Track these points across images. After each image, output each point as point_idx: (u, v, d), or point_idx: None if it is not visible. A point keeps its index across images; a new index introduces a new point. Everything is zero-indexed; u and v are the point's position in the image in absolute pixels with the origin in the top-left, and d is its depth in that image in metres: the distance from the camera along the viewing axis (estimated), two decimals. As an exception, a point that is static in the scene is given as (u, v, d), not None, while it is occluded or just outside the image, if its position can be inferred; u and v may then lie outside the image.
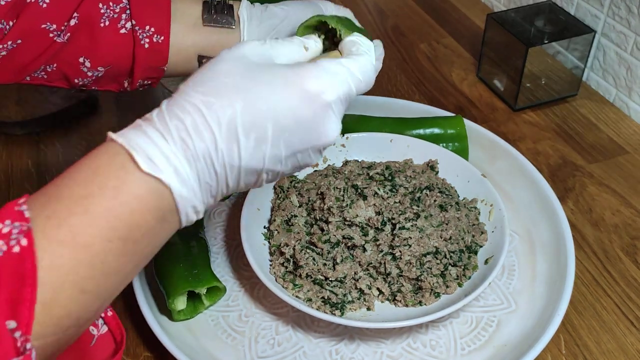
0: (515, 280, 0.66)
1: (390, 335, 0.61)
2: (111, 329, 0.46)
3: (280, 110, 0.41)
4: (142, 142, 0.38)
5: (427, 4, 1.14)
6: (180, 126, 0.39)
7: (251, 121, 0.40)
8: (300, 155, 0.44)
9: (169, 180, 0.38)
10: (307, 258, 0.61)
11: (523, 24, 0.88)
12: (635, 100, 0.86)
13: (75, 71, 0.63)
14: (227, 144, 0.40)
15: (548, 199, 0.70)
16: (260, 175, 0.43)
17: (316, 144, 0.44)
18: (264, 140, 0.41)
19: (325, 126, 0.44)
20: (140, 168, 0.37)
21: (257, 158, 0.41)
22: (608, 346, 0.61)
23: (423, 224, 0.62)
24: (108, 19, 0.61)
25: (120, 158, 0.38)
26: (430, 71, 0.98)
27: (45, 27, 0.59)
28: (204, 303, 0.63)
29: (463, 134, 0.77)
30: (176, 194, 0.38)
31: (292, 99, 0.42)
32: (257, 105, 0.40)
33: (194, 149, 0.39)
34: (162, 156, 0.38)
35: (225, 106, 0.40)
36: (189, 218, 0.41)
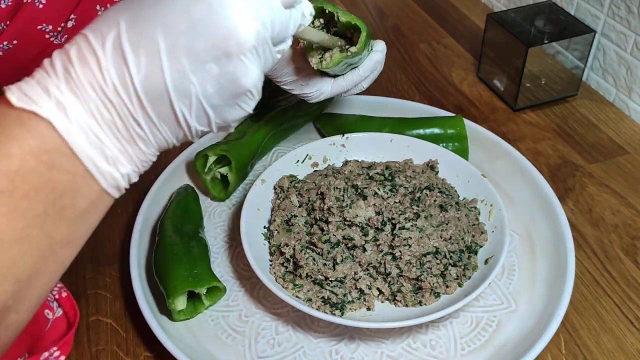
0: (515, 280, 0.66)
1: (390, 335, 0.61)
2: (65, 310, 0.42)
3: (169, 10, 0.34)
4: (24, 83, 0.33)
5: (427, 4, 1.14)
6: (64, 58, 0.34)
7: (138, 33, 0.34)
8: (213, 67, 0.35)
9: (46, 113, 0.32)
10: (307, 258, 0.61)
11: (523, 24, 0.88)
12: (635, 100, 0.86)
13: None
14: (113, 64, 0.33)
15: (548, 199, 0.70)
16: (173, 104, 0.35)
17: (225, 43, 0.34)
18: (156, 52, 0.34)
19: (227, 18, 0.34)
20: (11, 104, 0.32)
21: (154, 75, 0.34)
22: (608, 346, 0.61)
23: (423, 224, 0.62)
24: None
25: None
26: (430, 71, 0.98)
27: (41, 28, 0.59)
28: (204, 303, 0.63)
29: (463, 134, 0.77)
30: (60, 127, 0.32)
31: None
32: (142, 13, 0.34)
33: (77, 77, 0.33)
34: (42, 90, 0.33)
35: (111, 25, 0.34)
36: (100, 168, 0.34)
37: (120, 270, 0.69)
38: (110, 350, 0.62)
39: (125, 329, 0.64)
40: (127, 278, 0.64)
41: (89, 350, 0.61)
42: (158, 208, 0.73)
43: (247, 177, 0.77)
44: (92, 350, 0.61)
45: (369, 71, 0.65)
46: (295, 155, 0.74)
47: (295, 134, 0.84)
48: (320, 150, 0.75)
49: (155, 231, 0.68)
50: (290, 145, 0.82)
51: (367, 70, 0.65)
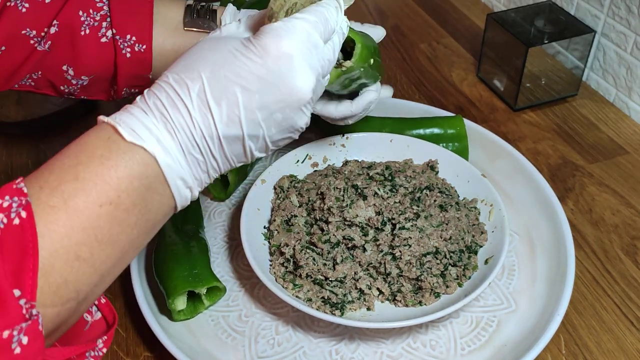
0: (515, 280, 0.66)
1: (390, 335, 0.61)
2: (104, 315, 0.46)
3: (244, 73, 0.43)
4: (126, 118, 0.41)
5: (427, 4, 1.14)
6: (157, 103, 0.42)
7: (219, 89, 0.42)
8: (278, 115, 0.45)
9: (151, 148, 0.40)
10: (307, 258, 0.61)
11: (523, 24, 0.88)
12: (635, 100, 0.86)
13: (60, 79, 0.62)
14: (200, 114, 0.42)
15: (548, 199, 0.70)
16: (245, 143, 0.44)
17: (290, 99, 0.44)
18: (235, 105, 0.42)
19: (292, 79, 0.44)
20: (124, 138, 0.40)
21: (233, 123, 0.43)
22: (608, 346, 0.61)
23: (423, 224, 0.62)
24: (88, 27, 0.59)
25: (106, 132, 0.41)
26: (430, 71, 0.98)
27: (25, 33, 0.58)
28: (204, 303, 0.63)
29: (463, 134, 0.77)
30: (161, 161, 0.41)
31: (252, 59, 0.43)
32: (222, 72, 0.42)
33: (172, 121, 0.41)
34: (144, 128, 0.41)
35: (194, 78, 0.42)
36: (180, 192, 0.43)
37: (120, 270, 0.69)
38: (110, 350, 0.62)
39: (125, 329, 0.64)
40: (127, 278, 0.64)
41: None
42: (158, 208, 0.73)
43: (247, 177, 0.77)
44: (92, 350, 0.62)
45: (361, 109, 0.64)
46: (295, 155, 0.74)
47: (295, 134, 0.83)
48: (320, 150, 0.75)
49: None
50: (290, 146, 0.82)
51: (359, 107, 0.64)
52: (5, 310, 0.33)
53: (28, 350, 0.34)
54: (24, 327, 0.33)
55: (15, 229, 0.35)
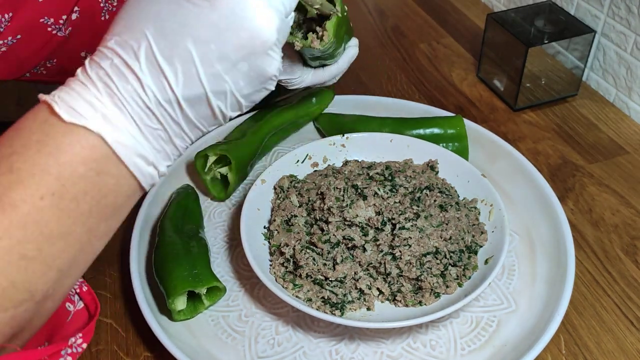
0: (515, 280, 0.66)
1: (390, 335, 0.61)
2: (86, 303, 0.44)
3: (193, 22, 0.37)
4: (65, 94, 0.36)
5: (427, 4, 1.14)
6: (100, 72, 0.37)
7: (168, 46, 0.37)
8: (243, 65, 0.39)
9: (96, 127, 0.36)
10: (307, 258, 0.61)
11: (523, 24, 0.88)
12: (635, 100, 0.86)
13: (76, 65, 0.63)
14: (152, 78, 0.37)
15: (548, 199, 0.70)
16: (210, 102, 0.39)
17: (252, 43, 0.38)
18: (190, 60, 0.37)
19: (250, 20, 0.38)
20: (62, 119, 0.35)
21: (192, 82, 0.38)
22: (608, 346, 0.61)
23: (423, 224, 0.62)
24: (107, 12, 0.60)
25: (43, 114, 0.37)
26: (430, 71, 0.98)
27: (43, 22, 0.59)
28: (204, 303, 0.63)
29: (463, 134, 0.77)
30: (109, 139, 0.36)
31: (198, 4, 0.37)
32: (167, 25, 0.37)
33: (119, 92, 0.36)
34: (86, 104, 0.36)
35: (138, 38, 0.37)
36: (142, 171, 0.38)
37: (120, 270, 0.69)
38: (110, 350, 0.62)
39: (125, 329, 0.64)
40: (127, 278, 0.64)
41: (89, 350, 0.61)
42: (158, 208, 0.73)
43: (247, 177, 0.77)
44: (92, 350, 0.62)
45: (347, 64, 0.68)
46: (295, 155, 0.74)
47: (295, 134, 0.84)
48: (320, 150, 0.75)
49: (155, 231, 0.68)
50: (290, 145, 0.82)
51: (345, 63, 0.67)
52: None
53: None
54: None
55: None
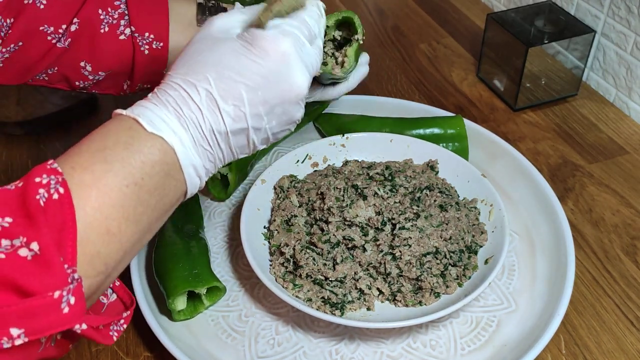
0: (515, 280, 0.66)
1: (390, 335, 0.61)
2: (120, 296, 0.49)
3: (248, 73, 0.47)
4: (143, 111, 0.45)
5: (427, 4, 1.14)
6: (170, 99, 0.46)
7: (225, 89, 0.46)
8: (279, 109, 0.49)
9: (169, 138, 0.44)
10: (307, 258, 0.61)
11: (523, 24, 0.88)
12: (635, 100, 0.86)
13: (76, 74, 0.64)
14: (209, 112, 0.46)
15: (548, 199, 0.70)
16: (249, 135, 0.49)
17: (289, 94, 0.49)
18: (241, 102, 0.47)
19: (291, 75, 0.49)
20: (145, 129, 0.44)
21: (240, 119, 0.47)
22: (608, 346, 0.61)
23: (423, 224, 0.62)
24: (107, 24, 0.62)
25: (127, 122, 0.44)
26: (430, 71, 0.98)
27: (43, 29, 0.59)
28: (204, 303, 0.63)
29: (463, 134, 0.77)
30: (177, 150, 0.45)
31: (254, 60, 0.47)
32: (226, 73, 0.47)
33: (184, 116, 0.45)
34: (161, 121, 0.45)
35: (200, 79, 0.46)
36: (192, 179, 0.47)
37: (120, 270, 0.69)
38: (110, 350, 0.62)
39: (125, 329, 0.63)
40: (127, 278, 0.64)
41: (89, 350, 0.61)
42: (158, 208, 0.73)
43: (247, 177, 0.77)
44: (92, 350, 0.62)
45: (357, 83, 0.70)
46: (295, 155, 0.74)
47: (295, 134, 0.84)
48: (320, 150, 0.75)
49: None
50: (290, 145, 0.82)
51: (355, 82, 0.70)
52: (54, 272, 0.36)
53: (74, 310, 0.36)
54: (72, 289, 0.36)
55: (55, 203, 0.38)
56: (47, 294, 0.35)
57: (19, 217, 0.37)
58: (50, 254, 0.36)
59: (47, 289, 0.35)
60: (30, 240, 0.36)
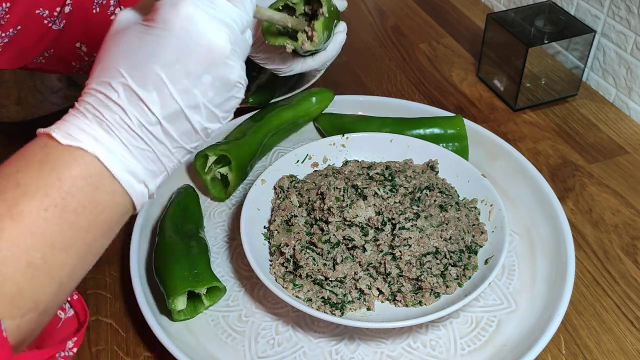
0: (515, 280, 0.66)
1: (390, 335, 0.61)
2: (76, 311, 0.46)
3: (157, 50, 0.41)
4: (60, 124, 0.41)
5: (427, 4, 1.14)
6: (88, 106, 0.41)
7: (140, 75, 0.41)
8: (207, 77, 0.43)
9: (89, 147, 0.39)
10: (307, 258, 0.61)
11: (523, 24, 0.88)
12: (635, 100, 0.86)
13: (72, 55, 0.64)
14: (132, 105, 0.41)
15: (548, 199, 0.70)
16: (187, 116, 0.43)
17: (210, 56, 0.42)
18: (162, 83, 0.41)
19: (203, 36, 0.42)
20: (59, 142, 0.39)
21: (168, 101, 0.42)
22: (608, 346, 0.61)
23: (423, 224, 0.62)
24: (98, 5, 0.62)
25: (42, 140, 0.40)
26: (430, 71, 0.98)
27: (39, 13, 0.60)
28: (204, 303, 0.63)
29: (463, 134, 0.77)
30: (102, 157, 0.40)
31: (158, 34, 0.42)
32: (137, 58, 0.41)
33: (106, 119, 0.40)
34: (79, 130, 0.40)
35: (114, 75, 0.41)
36: (134, 187, 0.41)
37: (120, 270, 0.69)
38: (110, 350, 0.62)
39: (125, 329, 0.64)
40: (127, 278, 0.64)
41: (89, 350, 0.61)
42: (158, 208, 0.73)
43: (247, 177, 0.77)
44: (92, 350, 0.62)
45: (336, 52, 0.68)
46: (295, 155, 0.74)
47: (295, 134, 0.84)
48: (320, 150, 0.75)
49: (155, 231, 0.68)
50: (290, 145, 0.82)
51: (334, 51, 0.68)
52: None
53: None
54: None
55: None
56: None
57: None
58: None
59: None
60: None
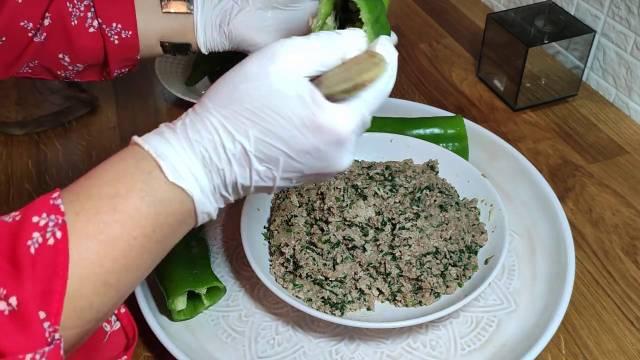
0: (515, 280, 0.66)
1: (390, 335, 0.61)
2: (123, 325, 0.46)
3: (293, 143, 0.41)
4: (167, 151, 0.40)
5: (427, 4, 1.14)
6: (200, 141, 0.41)
7: (263, 152, 0.41)
8: (312, 177, 0.45)
9: (191, 189, 0.40)
10: (307, 258, 0.61)
11: (523, 24, 0.88)
12: (635, 100, 0.86)
13: (57, 66, 0.65)
14: (239, 168, 0.42)
15: (548, 199, 0.70)
16: (274, 186, 0.44)
17: (328, 171, 0.44)
18: (275, 167, 0.42)
19: (336, 159, 0.43)
20: (166, 176, 0.40)
21: (269, 180, 0.43)
22: (608, 346, 0.61)
23: (423, 224, 0.62)
24: (76, 18, 0.62)
25: (146, 164, 0.40)
26: (430, 71, 0.98)
27: (23, 25, 0.60)
28: (204, 303, 0.63)
29: (463, 134, 0.77)
30: (197, 201, 0.41)
31: (304, 133, 0.41)
32: (271, 137, 0.41)
33: (211, 165, 0.41)
34: (185, 166, 0.40)
35: (241, 134, 0.41)
36: (201, 222, 0.44)
37: (120, 270, 0.69)
38: (110, 350, 0.62)
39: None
40: (127, 278, 0.64)
41: (89, 350, 0.61)
42: (158, 208, 0.73)
43: (247, 177, 0.77)
44: (92, 350, 0.62)
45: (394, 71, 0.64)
46: (295, 155, 0.74)
47: (295, 134, 0.83)
48: (320, 150, 0.75)
49: (155, 231, 0.68)
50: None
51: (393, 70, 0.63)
52: (30, 332, 0.33)
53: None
54: (47, 352, 0.33)
55: (49, 250, 0.35)
56: (17, 356, 0.32)
57: (5, 261, 0.34)
58: (29, 312, 0.33)
59: (18, 351, 0.32)
60: (10, 294, 0.33)
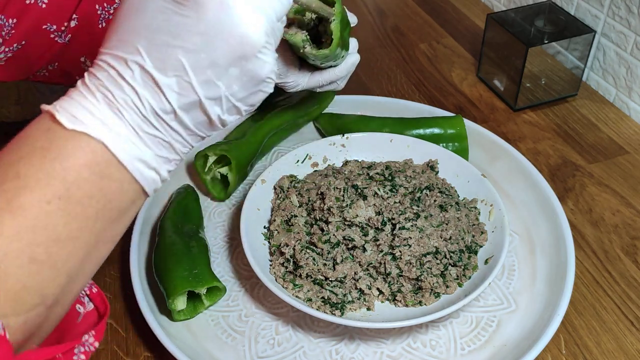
0: (515, 280, 0.66)
1: (390, 335, 0.61)
2: (96, 304, 0.44)
3: (182, 33, 0.37)
4: (66, 103, 0.37)
5: (427, 4, 1.14)
6: (97, 83, 0.38)
7: (160, 57, 0.37)
8: (234, 70, 0.39)
9: (96, 133, 0.36)
10: (307, 258, 0.61)
11: (523, 24, 0.88)
12: (635, 100, 0.86)
13: (77, 69, 0.64)
14: (147, 89, 0.38)
15: (548, 199, 0.70)
16: (205, 108, 0.40)
17: (241, 48, 0.38)
18: (183, 70, 0.38)
19: (237, 26, 0.38)
20: (64, 126, 0.36)
21: (187, 91, 0.38)
22: (608, 346, 0.61)
23: (423, 224, 0.62)
24: (104, 20, 0.61)
25: (45, 122, 0.37)
26: (430, 71, 0.98)
27: (46, 28, 0.60)
28: (204, 303, 0.63)
29: (463, 134, 0.77)
30: (110, 145, 0.37)
31: (186, 14, 0.37)
32: (158, 38, 0.37)
33: (116, 101, 0.37)
34: (86, 112, 0.37)
35: (131, 52, 0.37)
36: (144, 174, 0.39)
37: (120, 270, 0.69)
38: (110, 350, 0.62)
39: (125, 329, 0.64)
40: (127, 278, 0.64)
41: (89, 350, 0.62)
42: (158, 208, 0.73)
43: (247, 177, 0.77)
44: (92, 350, 0.62)
45: (346, 72, 0.66)
46: (295, 155, 0.74)
47: (295, 134, 0.84)
48: (320, 150, 0.75)
49: (155, 231, 0.68)
50: (290, 145, 0.82)
51: (344, 70, 0.66)
52: None
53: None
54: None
55: None
56: None
57: None
58: None
59: None
60: None
